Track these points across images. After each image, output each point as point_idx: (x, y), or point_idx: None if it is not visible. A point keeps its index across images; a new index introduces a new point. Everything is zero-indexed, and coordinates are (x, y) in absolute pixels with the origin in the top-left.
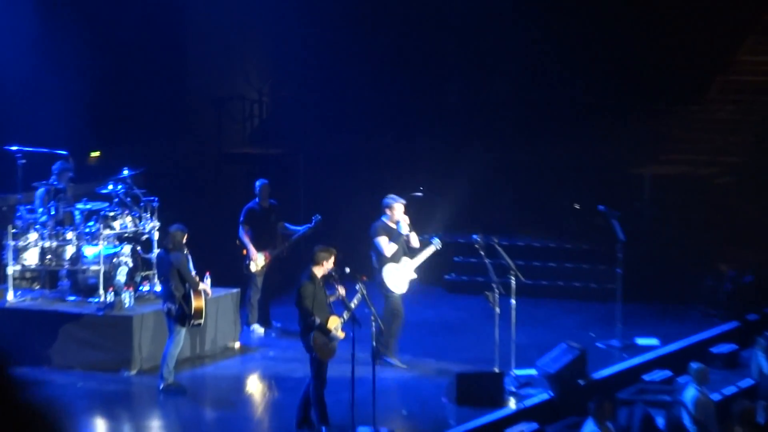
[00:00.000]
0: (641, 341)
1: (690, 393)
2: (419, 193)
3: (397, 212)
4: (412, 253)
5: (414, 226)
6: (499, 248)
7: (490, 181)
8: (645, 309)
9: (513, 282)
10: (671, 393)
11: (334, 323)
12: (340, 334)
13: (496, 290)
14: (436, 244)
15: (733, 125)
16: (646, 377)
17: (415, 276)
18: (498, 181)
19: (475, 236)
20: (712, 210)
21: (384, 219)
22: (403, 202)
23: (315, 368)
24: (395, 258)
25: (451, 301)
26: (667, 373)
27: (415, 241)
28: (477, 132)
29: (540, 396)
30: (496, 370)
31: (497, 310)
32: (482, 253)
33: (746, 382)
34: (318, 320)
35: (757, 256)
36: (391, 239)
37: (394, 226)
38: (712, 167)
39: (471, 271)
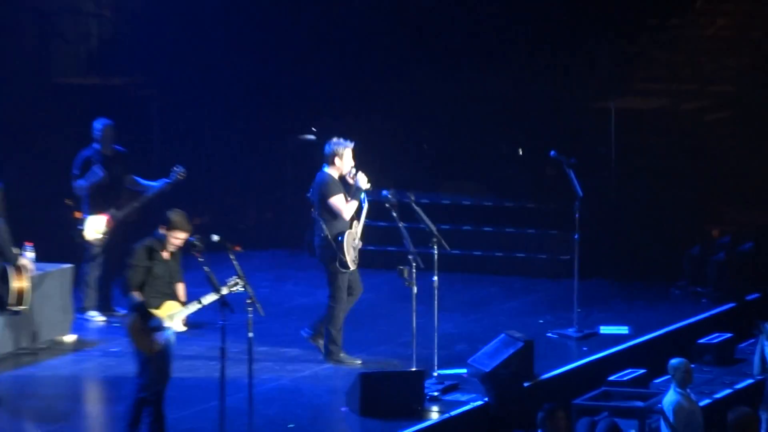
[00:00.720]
0: (606, 330)
1: (670, 397)
2: (311, 136)
3: (347, 161)
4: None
5: (308, 180)
6: (418, 208)
7: (406, 120)
8: (611, 287)
9: (436, 253)
10: (645, 398)
11: (169, 309)
12: (175, 325)
13: (414, 264)
14: (365, 202)
15: (727, 45)
16: (613, 377)
17: (360, 244)
18: (417, 120)
19: (385, 192)
20: (699, 156)
21: (328, 171)
22: (351, 145)
23: (138, 363)
24: (348, 222)
25: None
26: (640, 371)
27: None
28: (389, 59)
29: (472, 403)
30: (414, 368)
31: (414, 289)
32: (394, 214)
33: (744, 382)
34: (137, 298)
35: (759, 216)
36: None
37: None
38: (699, 100)
39: (380, 239)
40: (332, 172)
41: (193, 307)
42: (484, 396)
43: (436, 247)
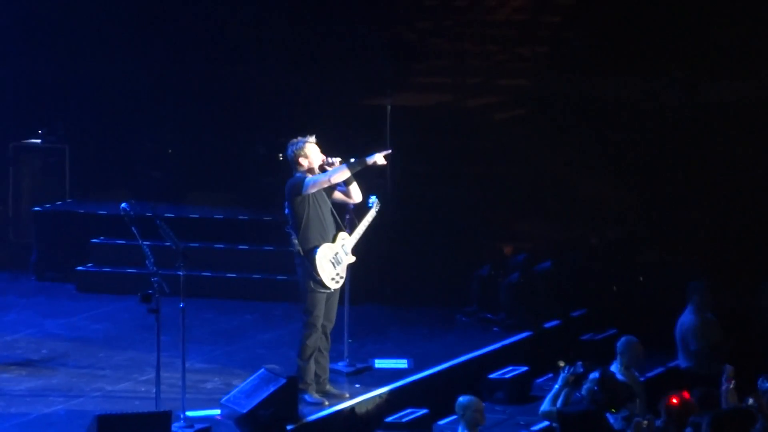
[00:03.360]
0: (382, 364)
1: None
2: (37, 140)
3: (314, 156)
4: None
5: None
6: (161, 222)
7: (144, 119)
8: (387, 314)
9: (182, 275)
10: None
11: None
12: None
13: (157, 288)
14: (374, 205)
15: (521, 29)
16: (391, 419)
17: (353, 260)
18: (157, 119)
19: (124, 205)
20: (488, 161)
21: (299, 177)
22: (312, 139)
23: None
24: (328, 233)
25: (86, 305)
26: (422, 411)
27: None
28: (116, 46)
29: None
30: (159, 409)
31: (157, 316)
32: (134, 230)
33: (541, 423)
34: None
35: (558, 230)
36: (314, 204)
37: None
38: (488, 95)
39: (116, 259)
40: (304, 175)
41: None
42: None
43: (183, 268)
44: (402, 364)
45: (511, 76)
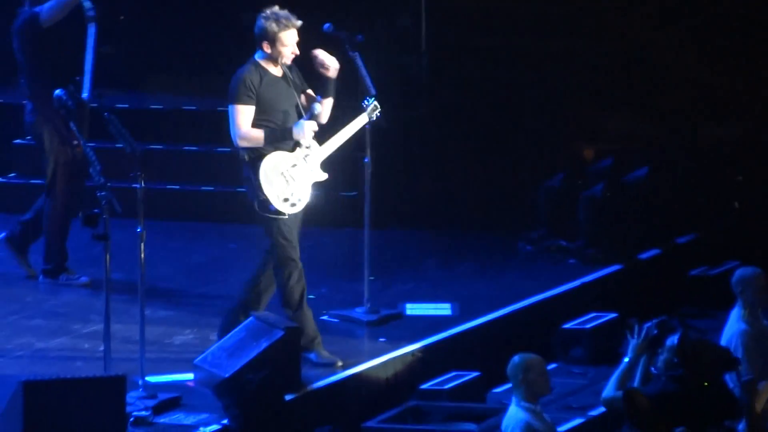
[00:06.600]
0: (415, 310)
1: (513, 416)
2: None
3: (285, 47)
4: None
5: None
6: (111, 116)
7: None
8: (422, 242)
9: (140, 188)
10: (480, 417)
11: None
12: None
13: (106, 206)
14: (370, 110)
15: None
16: (427, 385)
17: (323, 177)
18: None
19: (60, 92)
20: (561, 30)
21: (257, 59)
22: (295, 22)
23: None
24: (281, 139)
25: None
26: (471, 375)
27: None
28: None
29: (203, 428)
30: (110, 373)
31: (105, 244)
32: (72, 127)
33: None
34: None
35: (658, 125)
36: (268, 101)
37: (277, 70)
38: None
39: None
40: (265, 63)
41: None
42: (222, 416)
43: (141, 180)
44: (444, 310)
45: None
